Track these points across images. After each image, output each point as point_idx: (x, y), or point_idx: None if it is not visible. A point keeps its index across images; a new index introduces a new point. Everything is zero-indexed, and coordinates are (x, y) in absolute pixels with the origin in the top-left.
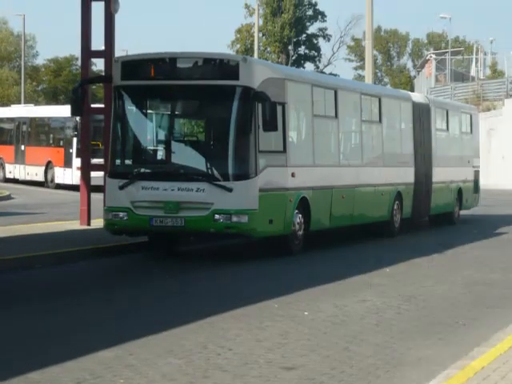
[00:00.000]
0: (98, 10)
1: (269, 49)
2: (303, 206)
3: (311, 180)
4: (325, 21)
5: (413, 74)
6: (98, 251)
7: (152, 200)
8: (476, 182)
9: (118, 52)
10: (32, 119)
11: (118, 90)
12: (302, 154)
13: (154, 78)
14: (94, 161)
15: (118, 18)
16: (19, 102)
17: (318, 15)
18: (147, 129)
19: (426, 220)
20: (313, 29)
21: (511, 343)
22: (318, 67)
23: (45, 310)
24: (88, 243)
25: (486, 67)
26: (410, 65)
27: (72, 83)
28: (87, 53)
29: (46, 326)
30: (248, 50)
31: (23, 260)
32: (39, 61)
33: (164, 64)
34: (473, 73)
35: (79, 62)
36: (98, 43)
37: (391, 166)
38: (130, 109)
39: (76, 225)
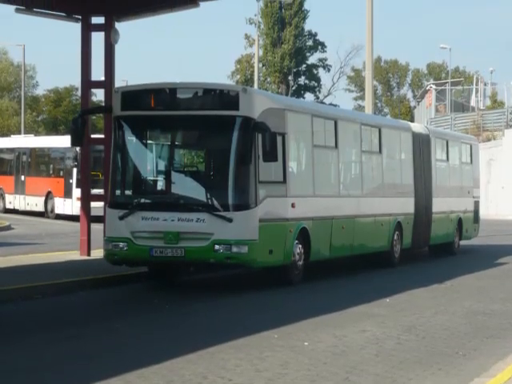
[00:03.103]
0: (97, 41)
1: (269, 79)
2: (303, 236)
3: (311, 210)
4: (325, 51)
5: (413, 104)
6: (97, 282)
7: (152, 230)
8: (476, 212)
9: (118, 82)
10: (32, 149)
11: (118, 121)
12: (301, 185)
13: (154, 109)
14: (94, 191)
15: (118, 49)
16: (19, 133)
17: (318, 45)
18: (147, 159)
19: (425, 250)
20: (313, 59)
21: (511, 373)
22: (317, 97)
23: (44, 341)
24: (88, 273)
25: (486, 97)
26: (410, 95)
27: (72, 113)
28: (87, 83)
29: (45, 356)
30: (248, 81)
31: (23, 290)
32: (39, 91)
33: (164, 94)
34: (473, 103)
35: (79, 93)
36: (98, 73)
37: (391, 196)
38: (130, 139)
39: (76, 255)
